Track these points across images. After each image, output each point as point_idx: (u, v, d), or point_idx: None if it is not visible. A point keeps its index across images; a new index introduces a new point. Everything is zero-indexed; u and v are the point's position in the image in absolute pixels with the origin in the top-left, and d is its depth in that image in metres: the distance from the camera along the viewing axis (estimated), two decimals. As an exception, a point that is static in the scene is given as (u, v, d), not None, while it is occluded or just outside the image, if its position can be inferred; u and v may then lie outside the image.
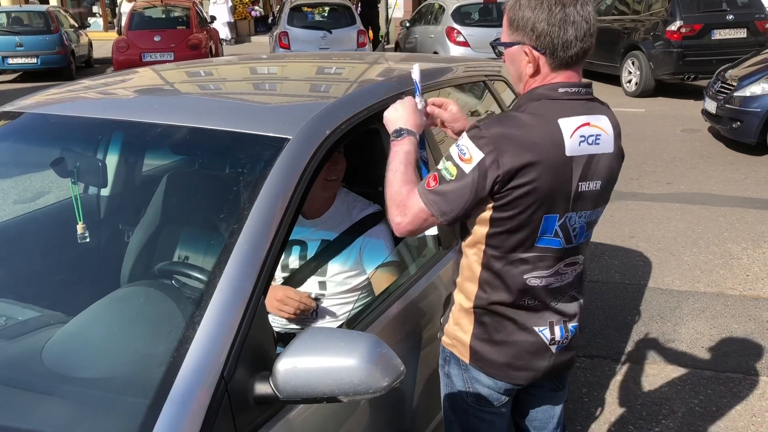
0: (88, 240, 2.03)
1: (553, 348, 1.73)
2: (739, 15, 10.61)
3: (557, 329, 1.72)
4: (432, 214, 1.57)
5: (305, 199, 1.75)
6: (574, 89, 1.60)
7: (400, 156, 1.68)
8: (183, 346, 1.43)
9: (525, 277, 1.64)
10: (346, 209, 2.36)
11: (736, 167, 7.14)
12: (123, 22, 14.07)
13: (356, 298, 2.32)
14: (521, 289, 1.65)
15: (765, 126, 7.23)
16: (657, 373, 3.55)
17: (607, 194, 1.71)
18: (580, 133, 1.57)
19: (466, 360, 1.75)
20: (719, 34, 10.44)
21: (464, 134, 1.57)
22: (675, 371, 3.56)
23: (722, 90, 7.74)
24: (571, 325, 1.76)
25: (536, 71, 1.61)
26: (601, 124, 1.63)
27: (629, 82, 11.14)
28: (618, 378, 3.52)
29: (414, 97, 1.87)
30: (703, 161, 7.38)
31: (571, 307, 1.76)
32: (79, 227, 2.01)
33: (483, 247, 1.64)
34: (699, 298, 4.35)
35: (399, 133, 1.73)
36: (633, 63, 11.01)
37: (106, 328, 1.67)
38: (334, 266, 2.28)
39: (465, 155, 1.54)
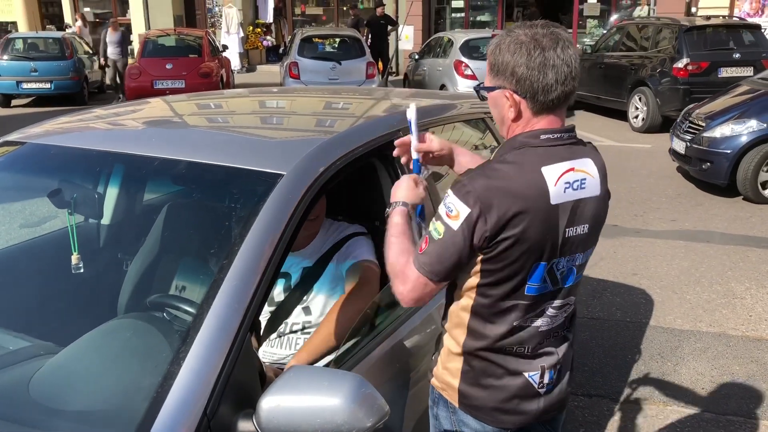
0: (82, 271, 2.04)
1: (542, 391, 1.71)
2: (745, 53, 10.67)
3: (547, 373, 1.71)
4: (426, 278, 1.57)
5: (297, 235, 1.76)
6: (556, 135, 1.60)
7: (390, 229, 1.69)
8: (167, 381, 1.43)
9: (515, 323, 1.63)
10: (329, 237, 2.38)
11: (741, 205, 7.12)
12: (109, 51, 14.67)
13: None
14: (510, 336, 1.64)
15: (735, 168, 7.13)
16: (656, 414, 3.50)
17: (596, 236, 1.71)
18: (565, 180, 1.58)
19: (455, 403, 1.74)
20: (726, 72, 10.49)
21: (449, 190, 1.57)
22: (674, 412, 3.52)
23: (690, 130, 7.64)
24: (561, 367, 1.75)
25: (518, 115, 1.61)
26: (586, 168, 1.63)
27: (636, 117, 11.17)
28: (616, 418, 3.47)
29: (410, 135, 1.86)
30: (708, 198, 7.36)
31: (562, 348, 1.75)
32: (74, 258, 2.02)
33: (473, 295, 1.63)
34: (701, 337, 4.31)
35: (392, 206, 1.75)
36: (640, 99, 11.05)
37: (94, 360, 1.68)
38: (315, 289, 2.29)
39: (452, 212, 1.53)
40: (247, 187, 1.85)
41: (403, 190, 1.76)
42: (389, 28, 16.06)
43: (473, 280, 1.61)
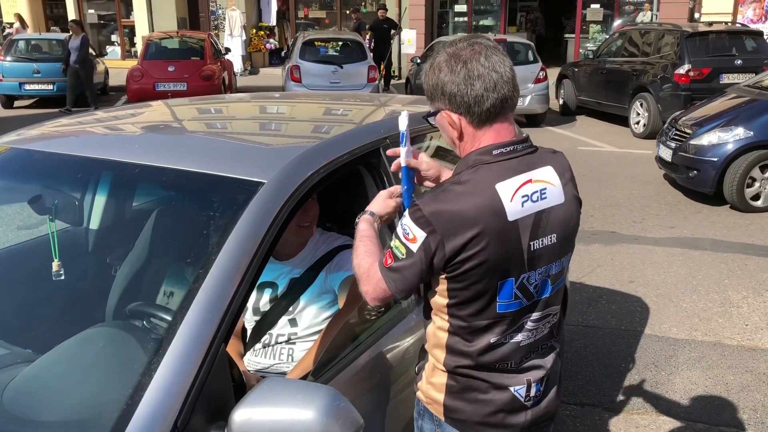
0: (63, 278, 2.03)
1: (529, 404, 1.69)
2: (747, 60, 10.63)
3: (533, 387, 1.68)
4: (388, 288, 1.58)
5: (276, 244, 1.74)
6: (509, 148, 1.57)
7: (357, 236, 1.72)
8: (138, 393, 1.42)
9: (492, 341, 1.61)
10: (318, 247, 2.36)
11: (741, 213, 7.08)
12: (72, 58, 13.28)
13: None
14: (490, 353, 1.62)
15: (721, 176, 7.08)
16: (648, 424, 3.47)
17: (568, 244, 1.67)
18: (522, 193, 1.55)
19: (441, 416, 1.72)
20: (728, 78, 10.44)
21: (406, 213, 1.57)
22: (667, 422, 3.49)
23: (676, 137, 7.57)
24: (548, 379, 1.72)
25: (461, 133, 1.60)
26: (545, 176, 1.60)
27: (637, 123, 11.13)
28: (608, 428, 3.45)
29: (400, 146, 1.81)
30: (707, 206, 7.33)
31: (548, 360, 1.73)
32: (55, 264, 2.01)
33: (445, 316, 1.62)
34: (696, 347, 4.28)
35: (360, 215, 1.77)
36: (641, 105, 11.01)
37: (69, 370, 1.67)
38: (302, 300, 2.27)
39: (409, 235, 1.53)
40: (227, 195, 1.83)
41: (375, 203, 1.80)
42: (392, 31, 16.06)
43: (442, 301, 1.60)
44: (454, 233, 1.49)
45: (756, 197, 7.11)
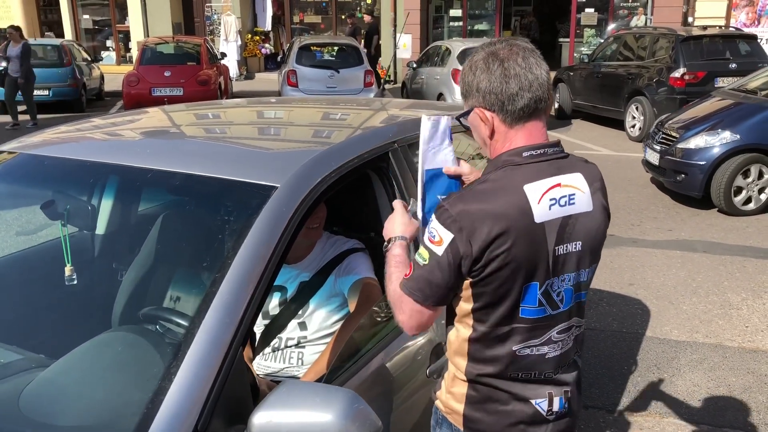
0: (75, 282, 2.03)
1: (550, 417, 1.67)
2: (741, 63, 10.69)
3: (556, 400, 1.66)
4: (420, 302, 1.55)
5: (290, 248, 1.75)
6: (539, 151, 1.57)
7: (391, 260, 1.68)
8: (158, 397, 1.42)
9: (514, 348, 1.60)
10: (327, 251, 2.37)
11: (737, 215, 7.12)
12: (10, 67, 11.85)
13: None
14: (512, 362, 1.61)
15: (709, 179, 7.09)
16: (652, 426, 3.49)
17: (595, 254, 1.66)
18: (550, 196, 1.54)
19: (460, 426, 1.70)
20: (722, 82, 10.49)
21: (433, 217, 1.56)
22: (671, 425, 3.51)
23: (664, 141, 7.57)
24: (571, 394, 1.70)
25: (493, 131, 1.60)
26: (575, 182, 1.59)
27: (633, 127, 11.18)
28: (612, 430, 3.46)
29: (441, 148, 1.77)
30: (705, 208, 7.37)
31: (571, 374, 1.71)
32: (67, 270, 2.01)
33: (470, 321, 1.61)
34: (697, 348, 4.31)
35: (389, 242, 1.73)
36: (637, 108, 11.07)
37: (85, 374, 1.67)
38: (312, 304, 2.28)
39: (435, 238, 1.53)
40: (240, 199, 1.84)
41: (400, 225, 1.74)
42: (375, 36, 16.24)
43: (467, 306, 1.59)
44: (480, 231, 1.48)
45: (745, 201, 7.13)
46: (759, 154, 7.06)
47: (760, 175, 7.11)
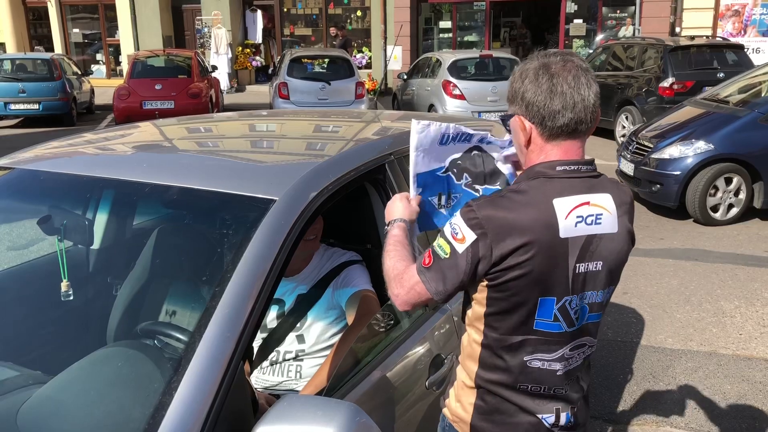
0: (71, 298, 2.02)
1: (556, 431, 1.68)
2: (729, 73, 10.77)
3: (563, 416, 1.67)
4: (427, 291, 1.57)
5: (289, 261, 1.75)
6: (573, 167, 1.57)
7: (389, 240, 1.71)
8: (159, 412, 1.41)
9: (525, 359, 1.60)
10: (324, 263, 2.37)
11: (745, 221, 7.13)
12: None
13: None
14: (522, 372, 1.61)
15: (684, 189, 7.09)
16: (649, 435, 3.49)
17: (614, 276, 1.65)
18: (577, 214, 1.53)
19: None
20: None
21: (458, 212, 1.56)
22: (667, 433, 3.51)
23: (638, 151, 7.58)
24: (577, 410, 1.71)
25: (529, 141, 1.60)
26: (603, 203, 1.58)
27: (623, 136, 11.25)
28: (610, 439, 3.47)
29: (431, 152, 1.81)
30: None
31: (578, 391, 1.71)
32: (63, 285, 2.00)
33: (482, 327, 1.61)
34: (692, 357, 4.32)
35: (389, 224, 1.77)
36: (626, 118, 11.16)
37: (83, 390, 1.65)
38: (310, 317, 2.27)
39: (458, 235, 1.53)
40: (239, 212, 1.84)
41: (399, 208, 1.78)
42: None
43: (480, 310, 1.59)
44: (503, 239, 1.48)
45: (720, 210, 7.13)
46: (733, 163, 7.06)
47: (735, 185, 7.10)
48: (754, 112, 7.23)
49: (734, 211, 7.16)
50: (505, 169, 1.89)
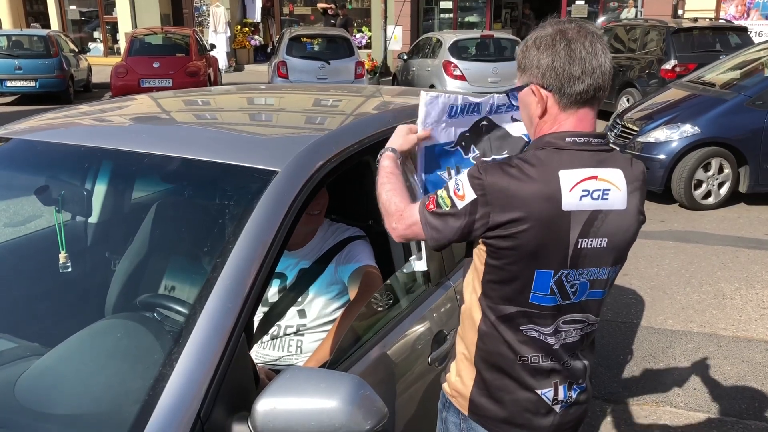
0: (70, 270, 1.98)
1: (557, 408, 1.66)
2: (732, 55, 10.74)
3: (561, 389, 1.65)
4: (423, 233, 1.57)
5: (291, 234, 1.72)
6: (583, 139, 1.53)
7: (381, 171, 1.71)
8: (159, 383, 1.39)
9: (521, 328, 1.58)
10: (327, 238, 2.34)
11: (729, 206, 7.15)
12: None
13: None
14: (519, 343, 1.59)
15: (670, 173, 7.00)
16: (648, 415, 3.49)
17: (618, 254, 1.60)
18: (583, 187, 1.49)
19: (465, 412, 1.69)
20: (713, 74, 10.54)
21: (465, 170, 1.54)
22: (667, 413, 3.51)
23: (623, 134, 7.49)
24: (576, 385, 1.69)
25: (544, 111, 1.55)
26: (613, 178, 1.54)
27: (624, 118, 11.21)
28: (609, 419, 3.46)
29: (439, 124, 1.79)
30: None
31: (578, 370, 1.68)
32: (62, 257, 1.97)
33: (479, 294, 1.60)
34: (692, 338, 4.31)
35: (382, 152, 1.76)
36: (628, 100, 11.09)
37: (82, 362, 1.63)
38: (311, 291, 2.25)
39: (459, 191, 1.51)
40: (240, 184, 1.80)
41: (395, 139, 1.77)
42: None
43: (479, 275, 1.58)
44: (501, 208, 1.47)
45: (705, 195, 7.07)
46: (719, 147, 6.97)
47: (720, 169, 7.04)
48: (740, 95, 7.12)
49: (721, 193, 7.08)
50: (518, 130, 1.85)
